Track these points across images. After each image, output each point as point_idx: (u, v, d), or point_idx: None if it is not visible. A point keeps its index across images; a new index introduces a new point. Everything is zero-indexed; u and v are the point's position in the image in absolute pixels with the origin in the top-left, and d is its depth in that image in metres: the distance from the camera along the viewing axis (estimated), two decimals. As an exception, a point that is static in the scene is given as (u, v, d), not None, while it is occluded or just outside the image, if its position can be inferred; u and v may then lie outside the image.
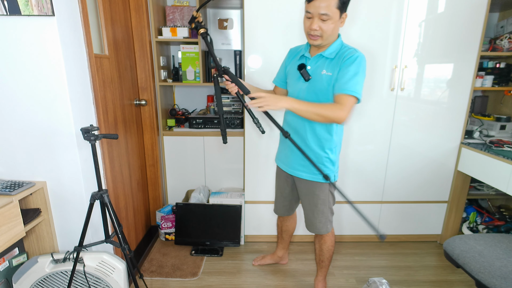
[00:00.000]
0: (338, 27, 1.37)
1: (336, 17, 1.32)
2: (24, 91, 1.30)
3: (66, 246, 1.51)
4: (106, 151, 1.67)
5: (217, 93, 1.52)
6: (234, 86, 1.48)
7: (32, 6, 1.20)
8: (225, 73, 1.47)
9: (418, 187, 2.22)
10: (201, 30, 1.48)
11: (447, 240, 1.47)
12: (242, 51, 2.21)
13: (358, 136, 2.10)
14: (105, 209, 1.37)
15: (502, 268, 1.23)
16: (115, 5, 1.82)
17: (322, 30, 1.34)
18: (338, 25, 1.37)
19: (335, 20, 1.33)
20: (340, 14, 1.33)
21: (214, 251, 2.18)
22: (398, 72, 1.99)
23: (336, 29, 1.37)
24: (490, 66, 2.19)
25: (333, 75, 1.40)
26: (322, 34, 1.35)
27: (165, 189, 2.45)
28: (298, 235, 2.31)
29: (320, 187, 1.56)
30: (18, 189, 1.27)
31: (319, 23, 1.33)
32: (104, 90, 1.67)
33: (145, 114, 2.23)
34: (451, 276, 1.99)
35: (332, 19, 1.32)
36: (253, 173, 2.19)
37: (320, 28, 1.34)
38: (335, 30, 1.37)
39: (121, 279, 1.40)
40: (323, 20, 1.32)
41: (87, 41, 1.44)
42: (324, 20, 1.32)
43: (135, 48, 2.10)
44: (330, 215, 1.62)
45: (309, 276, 1.97)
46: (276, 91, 1.74)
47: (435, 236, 2.37)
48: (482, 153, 1.93)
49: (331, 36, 1.38)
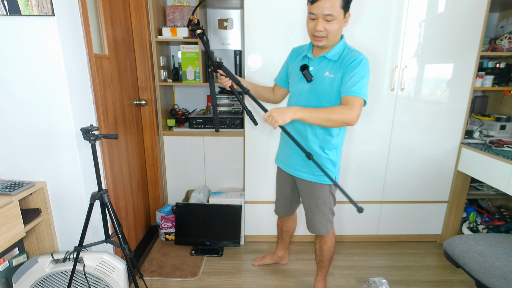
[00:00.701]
0: (342, 27, 1.37)
1: (340, 17, 1.31)
2: (24, 91, 1.30)
3: (66, 246, 1.51)
4: (106, 151, 1.67)
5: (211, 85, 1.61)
6: (228, 80, 1.55)
7: (32, 6, 1.20)
8: (219, 67, 1.53)
9: (418, 187, 2.22)
10: (197, 31, 1.56)
11: (447, 240, 1.47)
12: (242, 51, 2.21)
13: (358, 136, 2.10)
14: (105, 209, 1.37)
15: (502, 268, 1.23)
16: (115, 5, 1.82)
17: (327, 31, 1.33)
18: (342, 25, 1.36)
19: (339, 20, 1.32)
20: (344, 13, 1.32)
21: (214, 251, 2.18)
22: (398, 72, 1.99)
23: (341, 29, 1.37)
24: (490, 66, 2.19)
25: (335, 77, 1.39)
26: (327, 35, 1.34)
27: (165, 189, 2.45)
28: (298, 235, 2.31)
29: (320, 188, 1.55)
30: (18, 189, 1.27)
31: (324, 24, 1.32)
32: (104, 90, 1.67)
33: (145, 114, 2.23)
34: (451, 276, 1.99)
35: (337, 19, 1.31)
36: (253, 173, 2.19)
37: (325, 29, 1.33)
38: (340, 30, 1.37)
39: (121, 279, 1.40)
40: (327, 20, 1.31)
41: (87, 41, 1.44)
42: (329, 20, 1.31)
43: (135, 48, 2.10)
44: (330, 215, 1.62)
45: (309, 276, 1.97)
46: (276, 90, 1.73)
47: (435, 236, 2.37)
48: (482, 153, 1.93)
49: (336, 37, 1.38)
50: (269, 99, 1.74)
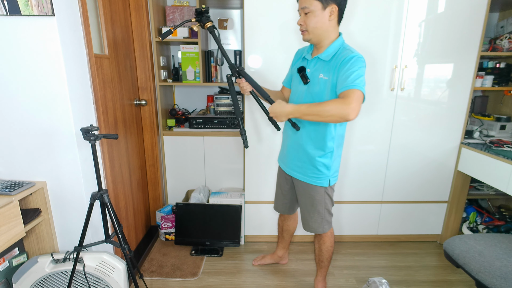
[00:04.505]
0: (325, 21, 1.33)
1: (316, 9, 1.31)
2: (24, 91, 1.30)
3: (66, 246, 1.51)
4: (106, 151, 1.67)
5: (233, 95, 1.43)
6: (247, 85, 1.48)
7: (32, 6, 1.20)
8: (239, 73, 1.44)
9: (418, 187, 2.22)
10: (207, 24, 1.39)
11: (447, 240, 1.47)
12: (242, 51, 2.21)
13: (358, 136, 2.10)
14: (105, 209, 1.37)
15: (502, 268, 1.23)
16: (115, 5, 1.82)
17: (306, 24, 1.36)
18: (325, 19, 1.33)
19: (317, 13, 1.31)
20: (323, 6, 1.30)
21: (214, 251, 2.18)
22: (398, 72, 1.99)
23: (322, 23, 1.33)
24: (490, 66, 2.19)
25: (328, 79, 1.37)
26: (306, 28, 1.36)
27: (165, 189, 2.45)
28: (298, 235, 2.31)
29: (314, 189, 1.55)
30: (18, 189, 1.27)
31: (303, 18, 1.36)
32: (104, 90, 1.67)
33: (145, 114, 2.23)
34: (451, 276, 1.99)
35: (313, 12, 1.31)
36: (253, 173, 2.19)
37: (304, 22, 1.36)
38: (320, 24, 1.33)
39: (121, 279, 1.40)
40: (305, 13, 1.34)
41: (87, 41, 1.44)
42: (306, 13, 1.33)
43: (135, 48, 2.10)
44: (327, 215, 1.61)
45: (309, 276, 1.97)
46: (284, 92, 1.72)
47: (435, 236, 2.37)
48: (482, 153, 1.93)
49: (318, 30, 1.35)
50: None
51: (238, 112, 1.45)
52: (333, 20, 1.35)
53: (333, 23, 1.36)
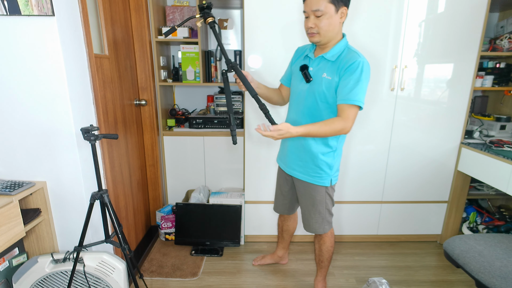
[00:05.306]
0: (337, 23, 1.34)
1: (330, 11, 1.30)
2: (24, 91, 1.30)
3: (66, 246, 1.51)
4: (106, 151, 1.67)
5: (227, 90, 1.41)
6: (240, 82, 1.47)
7: (32, 6, 1.20)
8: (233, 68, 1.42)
9: (418, 187, 2.22)
10: (208, 19, 1.38)
11: (447, 240, 1.47)
12: (242, 51, 2.21)
13: (359, 136, 2.10)
14: (105, 209, 1.37)
15: (502, 268, 1.23)
16: (115, 5, 1.82)
17: (318, 27, 1.33)
18: (337, 21, 1.34)
19: (330, 15, 1.31)
20: (336, 8, 1.31)
21: (214, 251, 2.18)
22: (398, 72, 1.99)
23: (334, 25, 1.34)
24: (490, 66, 2.19)
25: (332, 80, 1.37)
26: (318, 31, 1.34)
27: (165, 189, 2.45)
28: (298, 235, 2.31)
29: (315, 189, 1.55)
30: (18, 189, 1.27)
31: (314, 21, 1.33)
32: (104, 90, 1.67)
33: (145, 114, 2.23)
34: (451, 276, 1.99)
35: (326, 15, 1.30)
36: (253, 173, 2.18)
37: (316, 25, 1.33)
38: (333, 26, 1.34)
39: (121, 279, 1.40)
40: (317, 16, 1.32)
41: (87, 41, 1.44)
42: (318, 16, 1.31)
43: (135, 48, 2.10)
44: (328, 215, 1.61)
45: (309, 276, 1.97)
46: (282, 90, 1.70)
47: (435, 236, 2.37)
48: (482, 153, 1.93)
49: (330, 32, 1.35)
50: (279, 102, 1.70)
51: (229, 108, 1.41)
52: (343, 21, 1.37)
53: (341, 24, 1.38)
